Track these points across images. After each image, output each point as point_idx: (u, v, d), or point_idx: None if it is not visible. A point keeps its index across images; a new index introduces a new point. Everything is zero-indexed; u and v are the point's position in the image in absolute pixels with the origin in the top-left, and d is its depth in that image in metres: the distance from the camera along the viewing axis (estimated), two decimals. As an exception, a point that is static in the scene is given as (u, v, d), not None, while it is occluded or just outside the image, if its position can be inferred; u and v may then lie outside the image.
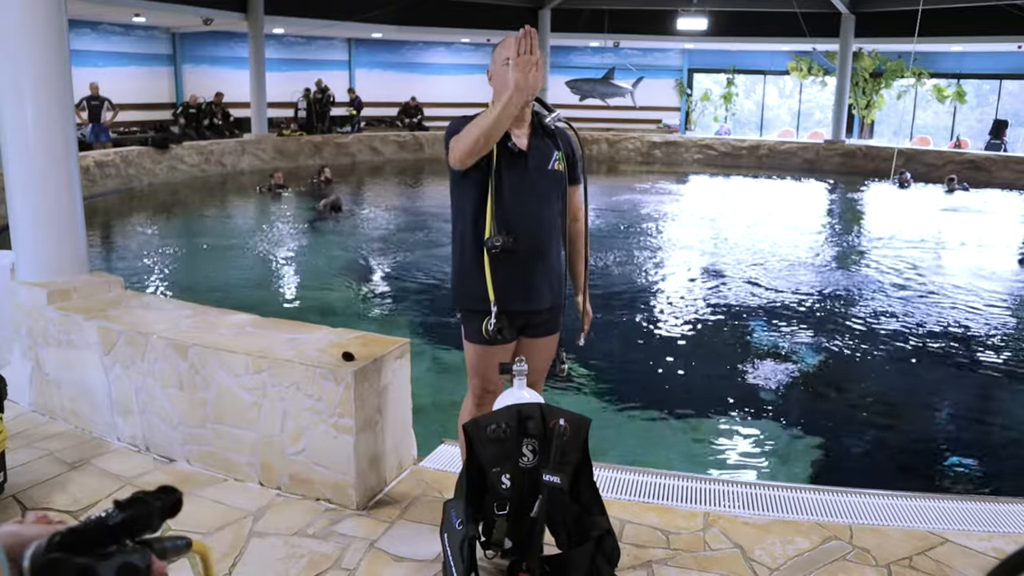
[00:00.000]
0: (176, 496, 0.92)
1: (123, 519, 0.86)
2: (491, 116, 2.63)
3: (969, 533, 3.13)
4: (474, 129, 2.67)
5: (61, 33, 4.04)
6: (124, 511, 0.86)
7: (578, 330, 3.12)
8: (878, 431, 5.50)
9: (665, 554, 2.96)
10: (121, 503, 0.87)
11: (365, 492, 3.29)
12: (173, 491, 0.93)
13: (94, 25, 17.91)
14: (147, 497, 0.90)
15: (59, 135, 4.08)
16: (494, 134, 2.67)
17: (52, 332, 4.01)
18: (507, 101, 2.58)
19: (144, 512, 0.88)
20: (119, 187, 14.97)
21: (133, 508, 0.87)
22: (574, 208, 3.07)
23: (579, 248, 3.11)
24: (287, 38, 22.24)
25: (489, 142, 2.69)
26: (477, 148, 2.69)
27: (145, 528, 0.88)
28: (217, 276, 9.50)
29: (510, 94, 2.58)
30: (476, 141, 2.66)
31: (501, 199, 2.80)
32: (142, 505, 0.88)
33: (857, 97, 22.92)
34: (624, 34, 22.57)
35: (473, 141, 2.67)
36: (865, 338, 7.32)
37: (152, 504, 0.89)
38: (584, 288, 3.11)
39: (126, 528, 0.86)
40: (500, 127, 2.65)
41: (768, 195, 17.97)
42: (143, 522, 0.88)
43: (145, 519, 0.88)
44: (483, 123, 2.65)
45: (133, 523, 0.87)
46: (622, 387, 6.10)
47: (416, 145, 21.63)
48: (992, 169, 18.56)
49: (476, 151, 2.70)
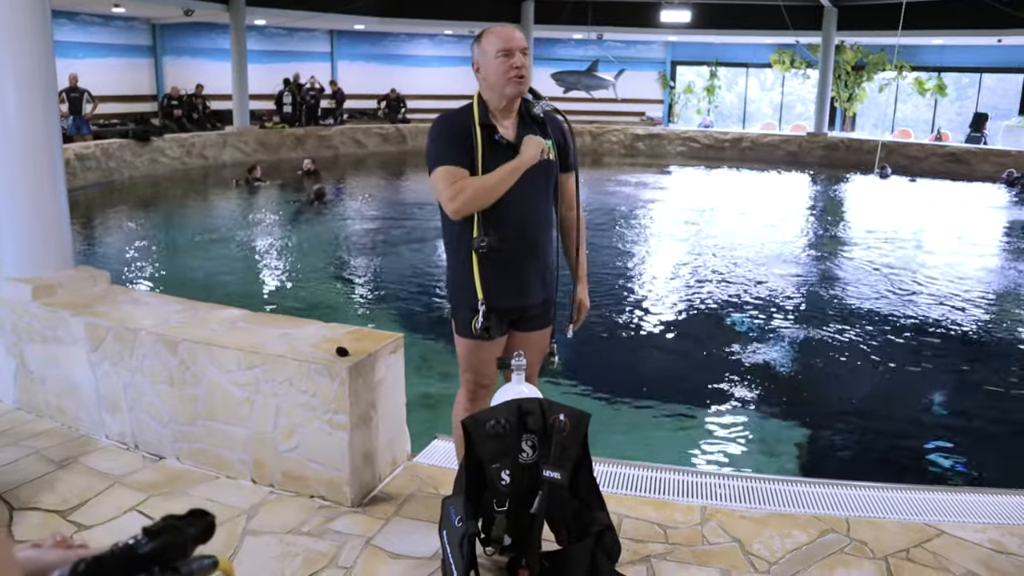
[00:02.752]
0: (209, 520, 0.88)
1: (154, 548, 0.81)
2: (495, 179, 2.67)
3: (965, 525, 3.14)
4: (478, 188, 2.67)
5: (45, 24, 3.96)
6: (155, 539, 0.82)
7: (567, 321, 3.09)
8: (866, 422, 5.53)
9: (664, 548, 2.95)
10: (151, 531, 0.82)
11: (360, 489, 3.25)
12: (205, 515, 0.87)
13: (72, 15, 17.67)
14: (179, 524, 0.85)
15: (43, 128, 4.00)
16: (496, 194, 2.69)
17: (37, 328, 3.93)
18: (514, 168, 2.67)
19: (177, 540, 0.83)
20: (100, 180, 14.80)
21: (164, 536, 0.82)
22: (568, 196, 3.00)
23: (575, 238, 3.07)
24: (269, 29, 22.06)
25: (490, 201, 2.70)
26: (480, 205, 2.70)
27: (177, 556, 0.84)
28: (201, 270, 9.41)
29: (519, 164, 2.67)
30: (478, 199, 2.68)
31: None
32: (174, 533, 0.83)
33: (839, 90, 23.02)
34: (607, 26, 22.58)
35: (473, 202, 2.68)
36: (852, 328, 7.35)
37: (185, 531, 0.84)
38: (583, 277, 3.07)
39: (156, 557, 0.82)
40: (502, 188, 2.68)
41: (752, 187, 18.03)
42: (175, 551, 0.83)
43: (178, 548, 0.83)
44: (486, 184, 2.67)
45: (164, 551, 0.82)
46: (608, 380, 6.09)
47: (399, 137, 21.54)
48: (972, 162, 18.72)
49: (478, 207, 2.71)
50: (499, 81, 2.74)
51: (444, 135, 2.77)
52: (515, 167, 2.67)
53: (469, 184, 2.67)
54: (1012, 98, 21.69)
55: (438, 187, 2.73)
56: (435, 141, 2.78)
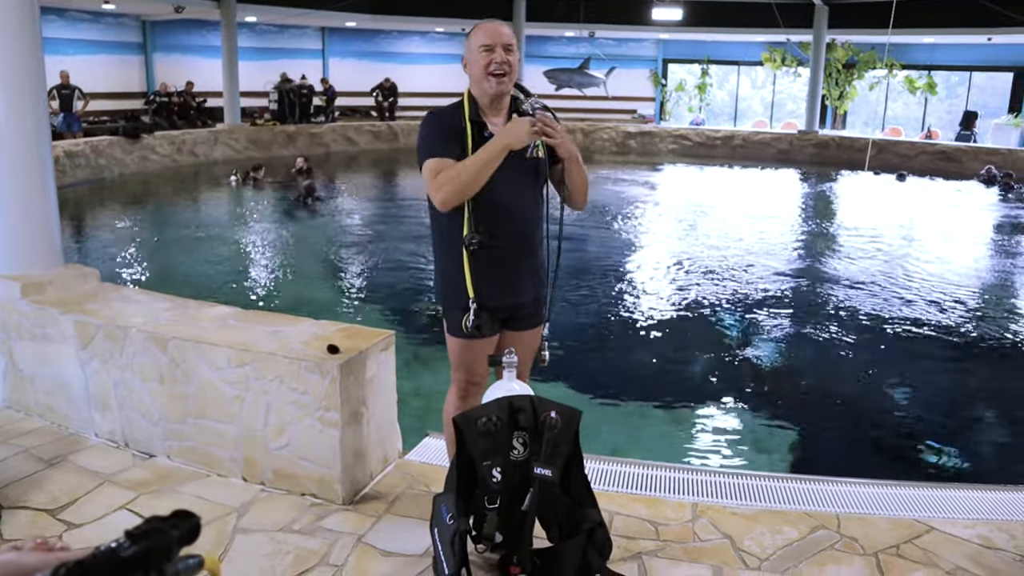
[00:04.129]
0: (194, 522, 0.86)
1: (136, 552, 0.79)
2: (481, 159, 2.60)
3: (954, 521, 3.15)
4: (463, 174, 2.62)
5: (33, 20, 3.93)
6: (139, 543, 0.80)
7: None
8: (857, 419, 5.55)
9: (655, 545, 2.95)
10: (135, 533, 0.81)
11: (351, 487, 3.25)
12: (190, 516, 0.86)
13: (61, 12, 17.55)
14: (163, 526, 0.83)
15: (32, 124, 3.97)
16: (482, 178, 2.63)
17: (26, 326, 3.91)
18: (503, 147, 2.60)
19: (161, 544, 0.81)
20: (89, 177, 14.72)
21: (149, 540, 0.81)
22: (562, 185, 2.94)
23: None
24: (260, 26, 21.97)
25: (477, 188, 2.65)
26: (467, 193, 2.65)
27: (163, 560, 0.82)
28: (192, 267, 9.37)
29: (502, 143, 2.59)
30: (463, 189, 2.63)
31: (479, 193, 2.69)
32: (158, 536, 0.82)
33: (830, 88, 23.09)
34: (599, 24, 22.55)
35: (460, 189, 2.63)
36: (842, 326, 7.38)
37: (169, 534, 0.83)
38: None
39: (141, 561, 0.80)
40: (487, 171, 2.62)
41: (744, 185, 18.06)
42: (161, 555, 0.81)
43: (163, 552, 0.82)
44: (471, 168, 2.61)
45: (148, 555, 0.80)
46: (599, 378, 6.10)
47: (391, 135, 21.49)
48: (963, 160, 18.79)
49: (464, 197, 2.67)
50: (479, 76, 2.74)
51: (435, 130, 2.77)
52: (504, 146, 2.60)
53: (454, 170, 2.64)
54: (1001, 96, 21.79)
55: (426, 179, 2.72)
56: (425, 137, 2.78)
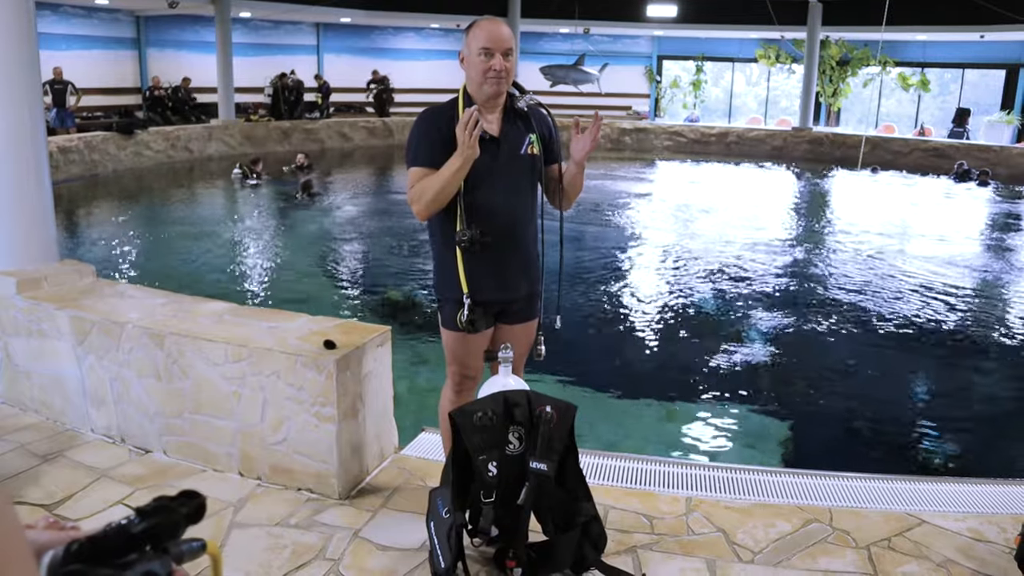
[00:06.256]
0: (200, 501, 0.90)
1: (147, 527, 0.83)
2: (442, 179, 2.65)
3: (945, 514, 3.18)
4: (428, 192, 2.68)
5: (28, 15, 3.93)
6: (148, 519, 0.83)
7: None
8: (849, 413, 5.58)
9: (649, 539, 2.98)
10: (144, 510, 0.84)
11: (347, 481, 3.26)
12: (195, 495, 0.90)
13: (55, 7, 17.49)
14: (171, 504, 0.86)
15: (27, 120, 3.97)
16: (447, 192, 2.68)
17: (21, 321, 3.91)
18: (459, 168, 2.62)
19: (170, 520, 0.85)
20: (83, 173, 14.68)
21: (158, 516, 0.84)
22: (555, 183, 2.98)
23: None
24: (254, 22, 21.91)
25: (445, 201, 2.71)
26: (436, 207, 2.72)
27: (170, 537, 0.86)
28: (187, 263, 9.37)
29: (458, 162, 2.61)
30: (433, 202, 2.70)
31: (472, 190, 2.73)
32: (168, 513, 0.85)
33: (824, 85, 23.13)
34: (594, 20, 22.55)
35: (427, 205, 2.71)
36: (835, 320, 7.41)
37: (178, 511, 0.86)
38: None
39: (150, 537, 0.83)
40: (452, 187, 2.68)
41: (738, 181, 18.10)
42: (169, 531, 0.85)
43: (171, 528, 0.85)
44: (435, 185, 2.67)
45: (157, 531, 0.84)
46: (594, 373, 6.12)
47: (386, 131, 21.47)
48: (955, 156, 18.84)
49: (435, 211, 2.74)
50: (477, 79, 2.75)
51: (422, 136, 2.78)
52: (459, 167, 2.62)
53: (420, 187, 2.71)
54: (994, 93, 21.87)
55: (407, 188, 2.79)
56: (411, 140, 2.81)
